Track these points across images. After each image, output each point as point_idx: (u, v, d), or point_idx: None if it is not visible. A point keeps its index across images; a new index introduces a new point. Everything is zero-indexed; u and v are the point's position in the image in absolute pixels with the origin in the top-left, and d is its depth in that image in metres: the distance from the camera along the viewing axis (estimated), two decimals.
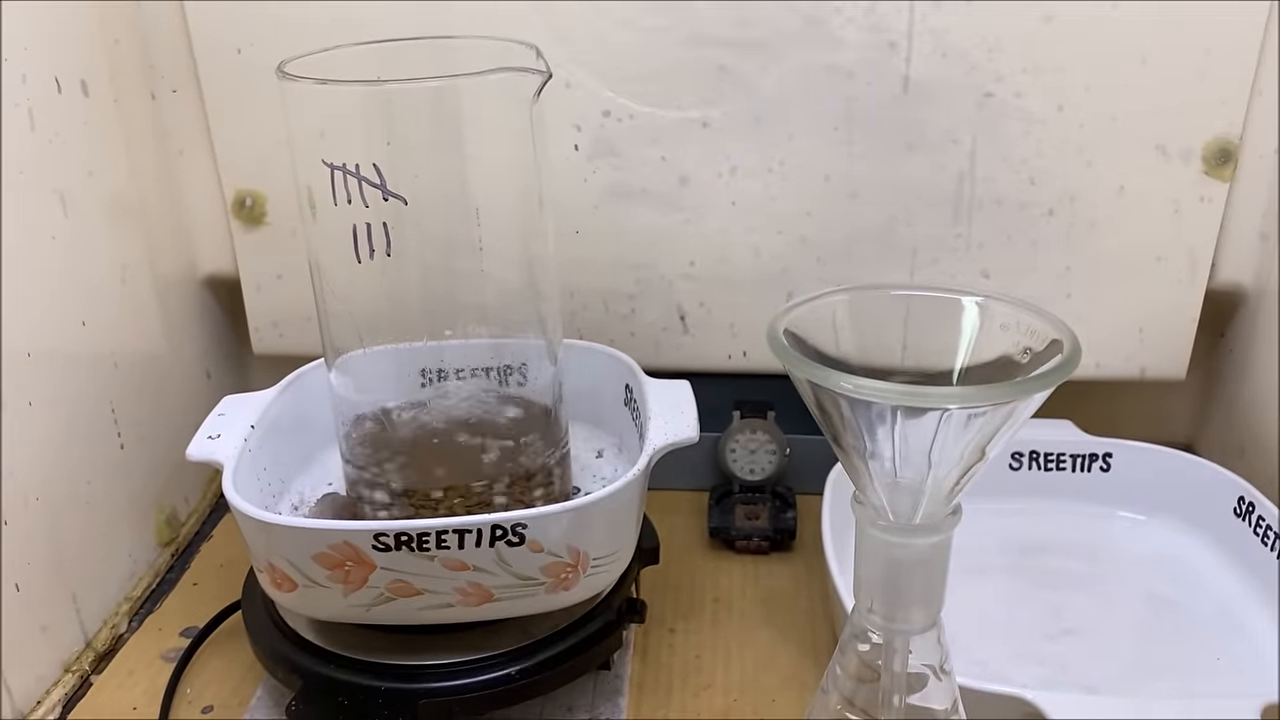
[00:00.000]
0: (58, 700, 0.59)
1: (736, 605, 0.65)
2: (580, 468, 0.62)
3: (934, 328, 0.39)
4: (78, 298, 0.62)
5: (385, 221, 0.49)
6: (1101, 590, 0.65)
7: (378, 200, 0.48)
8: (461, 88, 0.49)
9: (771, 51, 0.68)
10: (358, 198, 0.48)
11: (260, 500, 0.55)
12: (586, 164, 0.71)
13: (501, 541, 0.48)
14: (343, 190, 0.48)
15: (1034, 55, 0.67)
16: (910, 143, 0.69)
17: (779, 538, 0.69)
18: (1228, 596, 0.63)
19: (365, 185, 0.48)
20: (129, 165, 0.68)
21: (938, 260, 0.73)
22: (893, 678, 0.39)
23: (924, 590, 0.38)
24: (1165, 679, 0.57)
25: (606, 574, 0.53)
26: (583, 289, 0.75)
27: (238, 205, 0.75)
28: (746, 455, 0.72)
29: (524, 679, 0.51)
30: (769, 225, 0.73)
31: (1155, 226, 0.71)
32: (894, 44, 0.67)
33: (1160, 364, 0.75)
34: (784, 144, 0.70)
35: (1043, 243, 0.72)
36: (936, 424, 0.34)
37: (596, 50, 0.68)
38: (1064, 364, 0.34)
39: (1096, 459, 0.70)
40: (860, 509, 0.37)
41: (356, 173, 0.47)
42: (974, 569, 0.65)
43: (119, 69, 0.67)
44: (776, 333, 0.36)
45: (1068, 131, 0.69)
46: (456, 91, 0.49)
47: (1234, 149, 0.68)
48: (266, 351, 0.79)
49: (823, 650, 0.61)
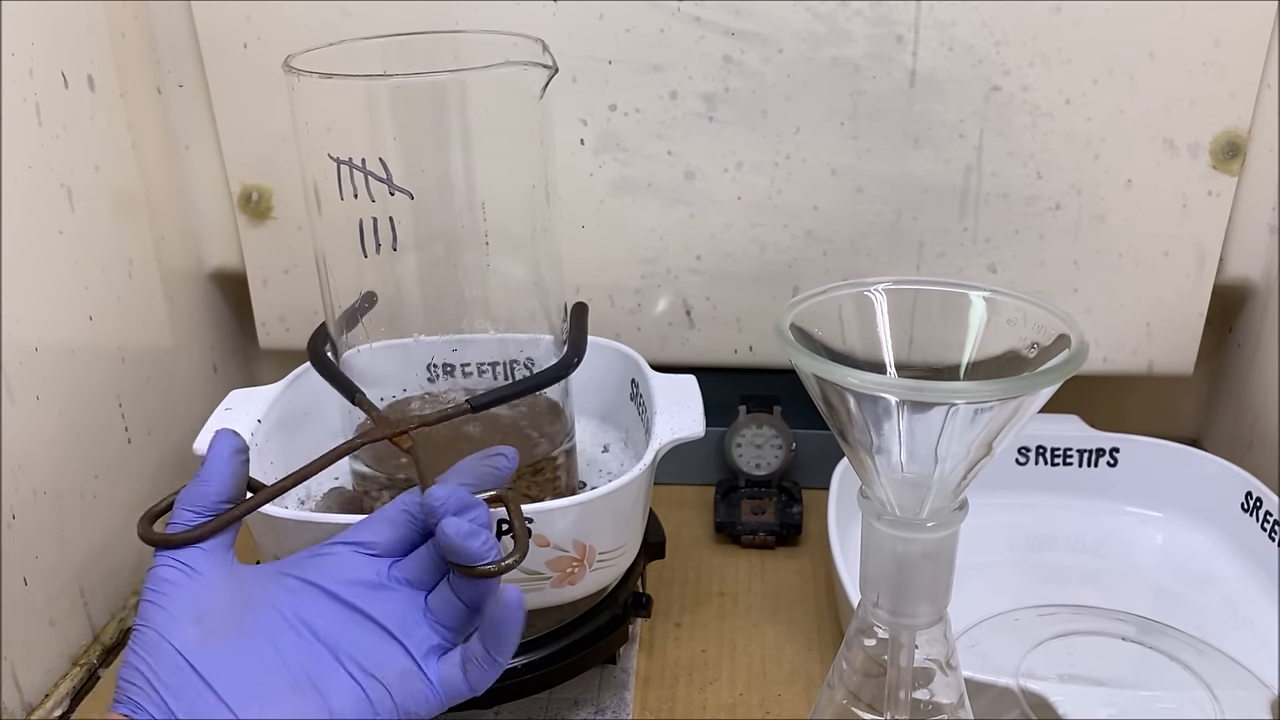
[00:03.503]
0: (65, 693, 0.59)
1: (742, 600, 0.65)
2: (586, 462, 0.62)
3: (941, 322, 0.39)
4: (85, 292, 0.62)
5: (392, 216, 0.49)
6: (1108, 585, 0.65)
7: (384, 195, 0.48)
8: (468, 82, 0.49)
9: (778, 45, 0.68)
10: (364, 192, 0.48)
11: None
12: (592, 158, 0.71)
13: (508, 535, 0.48)
14: (349, 184, 0.48)
15: (1041, 48, 0.66)
16: (917, 136, 0.69)
17: (785, 532, 0.69)
18: (1235, 591, 0.63)
19: (372, 180, 0.47)
20: (135, 160, 0.68)
21: (944, 254, 0.72)
22: (899, 672, 0.39)
23: (930, 585, 0.38)
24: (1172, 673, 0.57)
25: (612, 568, 0.53)
26: (588, 284, 0.75)
27: (244, 200, 0.75)
28: (752, 450, 0.72)
29: (530, 673, 0.52)
30: (775, 219, 0.72)
31: (1163, 220, 0.70)
32: (901, 37, 0.67)
33: (1168, 359, 0.74)
34: (790, 138, 0.70)
35: (1050, 237, 0.71)
36: (943, 419, 0.34)
37: (602, 44, 0.68)
38: (1071, 359, 0.34)
39: (1104, 454, 0.70)
40: (866, 504, 0.37)
41: (363, 167, 0.47)
42: (981, 564, 0.65)
43: (125, 64, 0.67)
44: (783, 327, 0.36)
45: (1075, 125, 0.68)
46: (463, 86, 0.49)
47: (1242, 143, 0.68)
48: (273, 346, 0.79)
49: (829, 645, 0.61)
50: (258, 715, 0.38)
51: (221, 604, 0.40)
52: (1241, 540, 0.65)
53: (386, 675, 0.40)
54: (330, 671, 0.39)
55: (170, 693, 0.38)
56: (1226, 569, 0.65)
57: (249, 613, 0.40)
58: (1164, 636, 0.57)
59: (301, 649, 0.39)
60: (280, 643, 0.39)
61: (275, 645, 0.39)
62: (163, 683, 0.38)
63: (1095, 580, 0.65)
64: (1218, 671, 0.54)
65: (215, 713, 0.37)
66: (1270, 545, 0.62)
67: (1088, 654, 0.58)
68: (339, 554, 0.42)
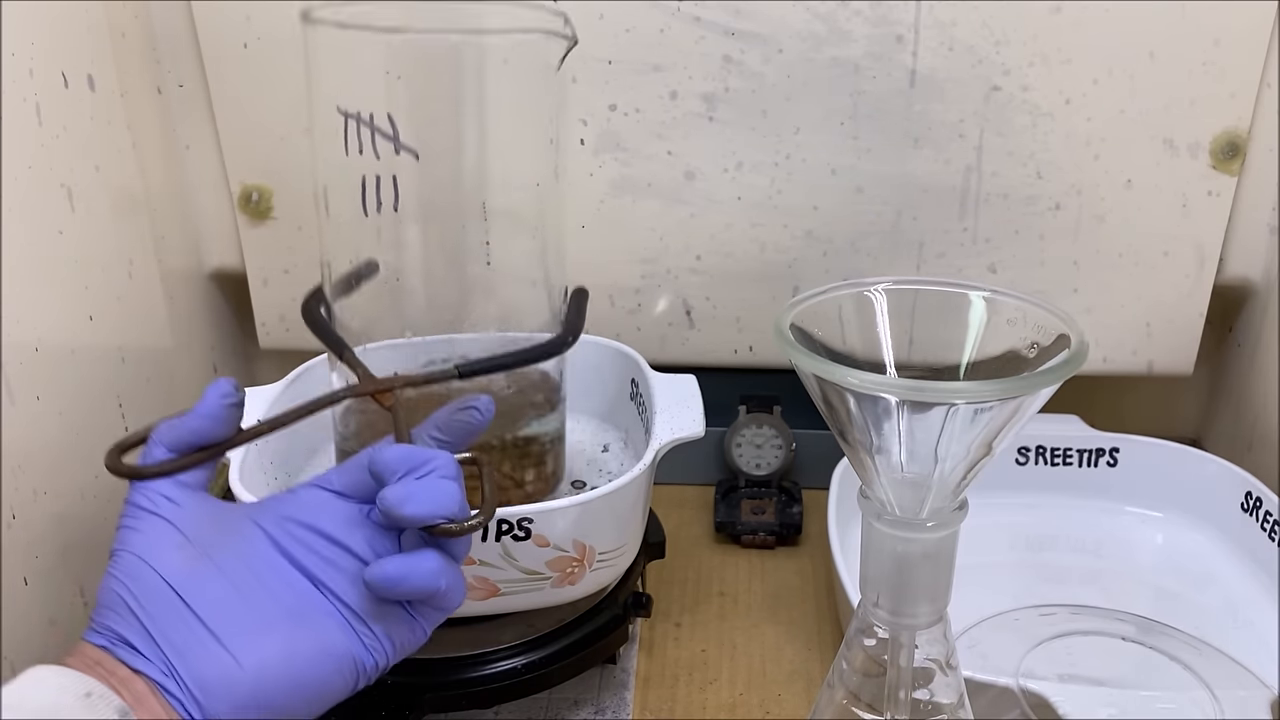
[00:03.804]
0: None
1: (742, 600, 0.65)
2: (586, 462, 0.62)
3: (941, 322, 0.39)
4: (85, 292, 0.62)
5: (396, 175, 0.47)
6: (1108, 585, 0.65)
7: (390, 155, 0.47)
8: (486, 46, 0.48)
9: (778, 45, 0.68)
10: (369, 149, 0.47)
11: (267, 494, 0.55)
12: (593, 158, 0.71)
13: (507, 536, 0.48)
14: (355, 139, 0.47)
15: (1041, 48, 0.66)
16: (917, 136, 0.69)
17: (785, 532, 0.69)
18: (1235, 591, 0.63)
19: (379, 136, 0.46)
20: (136, 160, 0.68)
21: (944, 254, 0.72)
22: (899, 672, 0.39)
23: (930, 585, 0.38)
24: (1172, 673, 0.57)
25: (612, 568, 0.53)
26: (589, 283, 0.74)
27: (244, 200, 0.75)
28: (752, 450, 0.72)
29: (530, 673, 0.52)
30: (775, 219, 0.72)
31: (1163, 220, 0.70)
32: (901, 37, 0.67)
33: (1168, 359, 0.74)
34: (790, 138, 0.70)
35: (1050, 237, 0.71)
36: (943, 419, 0.34)
37: (602, 44, 0.68)
38: (1071, 359, 0.34)
39: (1104, 454, 0.70)
40: (866, 504, 0.37)
41: (370, 121, 0.46)
42: (981, 564, 0.65)
43: (126, 64, 0.67)
44: (783, 327, 0.36)
45: (1075, 125, 0.68)
46: (480, 50, 0.48)
47: (1242, 143, 0.68)
48: (273, 346, 0.79)
49: (829, 645, 0.61)
50: (246, 646, 0.36)
51: (204, 533, 0.38)
52: (1241, 540, 0.65)
53: (371, 609, 0.38)
54: (317, 604, 0.38)
55: (152, 620, 0.36)
56: (1226, 569, 0.65)
57: (233, 542, 0.38)
58: (1164, 636, 0.57)
59: (288, 580, 0.38)
60: (266, 573, 0.38)
61: (260, 576, 0.38)
62: (144, 609, 0.36)
63: (1095, 580, 0.65)
64: (1218, 671, 0.54)
65: (201, 642, 0.36)
66: (1270, 545, 0.62)
67: (1088, 654, 0.58)
68: (316, 495, 0.41)
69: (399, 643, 0.39)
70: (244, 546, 0.38)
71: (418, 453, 0.40)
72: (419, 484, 0.38)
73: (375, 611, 0.38)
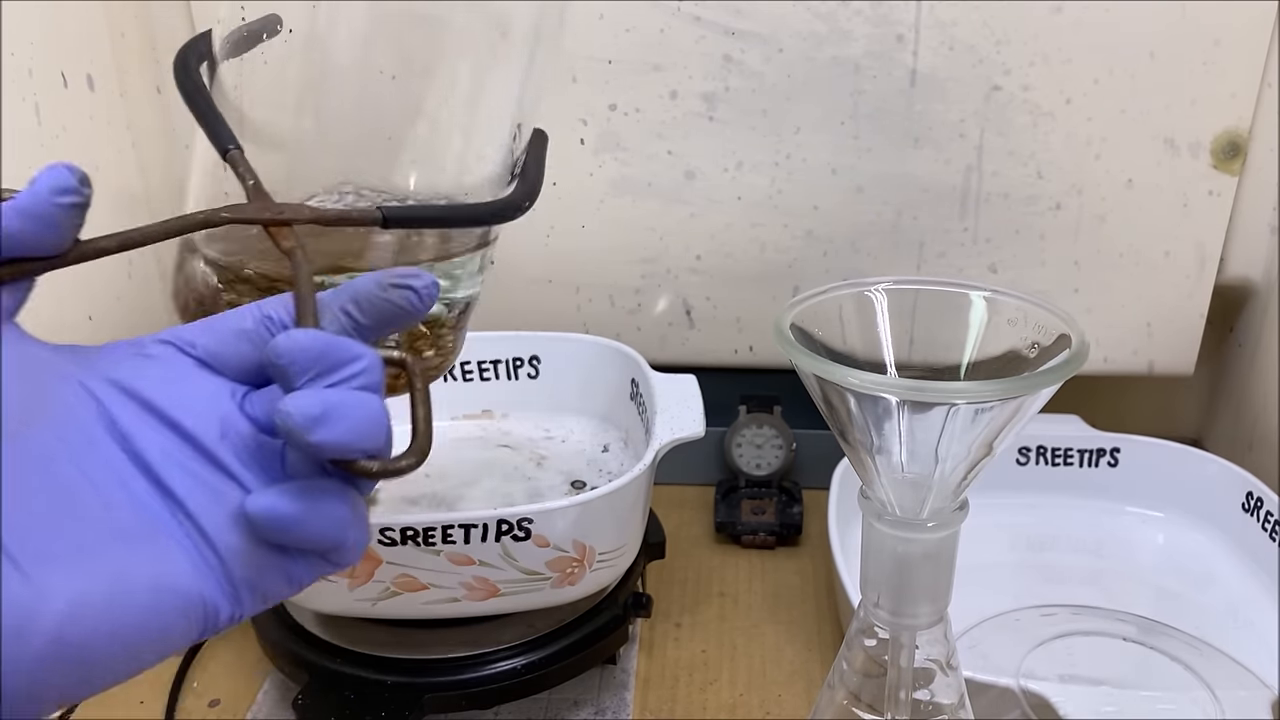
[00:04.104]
0: None
1: (743, 600, 0.65)
2: (586, 462, 0.62)
3: (941, 322, 0.39)
4: (84, 292, 0.62)
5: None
6: (1109, 585, 0.64)
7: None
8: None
9: (778, 45, 0.68)
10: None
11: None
12: (593, 158, 0.71)
13: (507, 536, 0.48)
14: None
15: (1042, 48, 0.66)
16: (917, 136, 0.69)
17: (785, 532, 0.69)
18: (1235, 591, 0.63)
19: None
20: (135, 160, 0.68)
21: (945, 254, 0.72)
22: (899, 673, 0.39)
23: (931, 585, 0.38)
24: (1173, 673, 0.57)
25: (612, 569, 0.53)
26: (589, 283, 0.75)
27: None
28: (753, 450, 0.72)
29: (530, 673, 0.51)
30: (775, 219, 0.72)
31: (1164, 220, 0.70)
32: (901, 37, 0.67)
33: (1168, 359, 0.74)
34: (790, 138, 0.70)
35: (1050, 237, 0.71)
36: (943, 419, 0.34)
37: (602, 44, 0.68)
38: (1071, 359, 0.34)
39: (1104, 454, 0.70)
40: (867, 504, 0.37)
41: None
42: (981, 564, 0.65)
43: (125, 63, 0.67)
44: (783, 327, 0.36)
45: (1076, 125, 0.68)
46: None
47: (1243, 142, 0.68)
48: None
49: (829, 645, 0.61)
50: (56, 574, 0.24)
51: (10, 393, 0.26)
52: (1242, 540, 0.65)
53: (238, 545, 0.27)
54: (162, 524, 0.27)
55: None
56: (1227, 569, 0.65)
57: (51, 414, 0.27)
58: (1164, 637, 0.57)
59: (123, 480, 0.27)
60: (95, 470, 0.26)
61: (88, 472, 0.26)
62: None
63: (1096, 580, 0.65)
64: (1218, 671, 0.54)
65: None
66: (1271, 545, 0.62)
67: (1088, 654, 0.58)
68: (174, 362, 0.30)
69: (266, 593, 0.28)
70: (67, 423, 0.27)
71: (337, 346, 0.28)
72: (336, 397, 0.27)
73: (242, 549, 0.27)
